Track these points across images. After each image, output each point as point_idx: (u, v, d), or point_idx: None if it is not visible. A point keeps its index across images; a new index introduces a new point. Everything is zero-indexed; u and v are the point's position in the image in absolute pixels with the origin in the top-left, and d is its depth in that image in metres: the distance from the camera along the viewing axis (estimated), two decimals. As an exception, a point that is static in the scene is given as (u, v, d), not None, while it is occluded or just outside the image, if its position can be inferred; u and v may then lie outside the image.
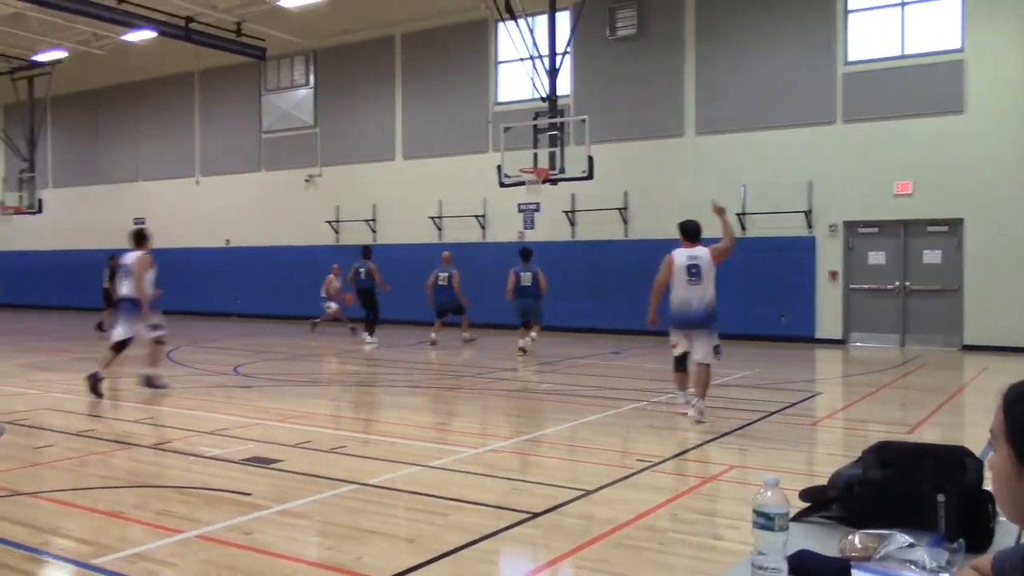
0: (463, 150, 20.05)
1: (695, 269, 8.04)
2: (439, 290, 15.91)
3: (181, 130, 25.48)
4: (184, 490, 5.56)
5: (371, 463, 6.36)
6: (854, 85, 15.91)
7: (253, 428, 7.85)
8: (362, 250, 17.07)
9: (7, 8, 21.83)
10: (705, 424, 7.78)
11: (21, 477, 5.95)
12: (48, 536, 4.56)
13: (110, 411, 9.10)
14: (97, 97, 27.48)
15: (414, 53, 20.94)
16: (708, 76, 17.26)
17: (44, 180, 27.66)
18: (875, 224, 15.88)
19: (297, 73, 22.98)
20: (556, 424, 8.29)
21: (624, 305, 17.88)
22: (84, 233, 27.32)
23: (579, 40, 17.51)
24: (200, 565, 4.12)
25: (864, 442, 2.76)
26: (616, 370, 12.41)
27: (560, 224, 18.76)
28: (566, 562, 4.22)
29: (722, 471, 6.11)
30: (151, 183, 26.35)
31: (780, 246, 16.28)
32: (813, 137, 16.25)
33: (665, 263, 8.21)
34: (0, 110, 27.81)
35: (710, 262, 8.11)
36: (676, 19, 17.52)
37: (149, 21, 19.74)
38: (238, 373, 12.11)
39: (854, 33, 16.02)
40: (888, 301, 15.85)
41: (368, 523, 4.79)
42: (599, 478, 5.79)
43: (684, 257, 8.14)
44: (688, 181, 17.35)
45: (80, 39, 24.63)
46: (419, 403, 9.79)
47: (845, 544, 1.97)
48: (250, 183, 23.95)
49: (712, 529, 4.73)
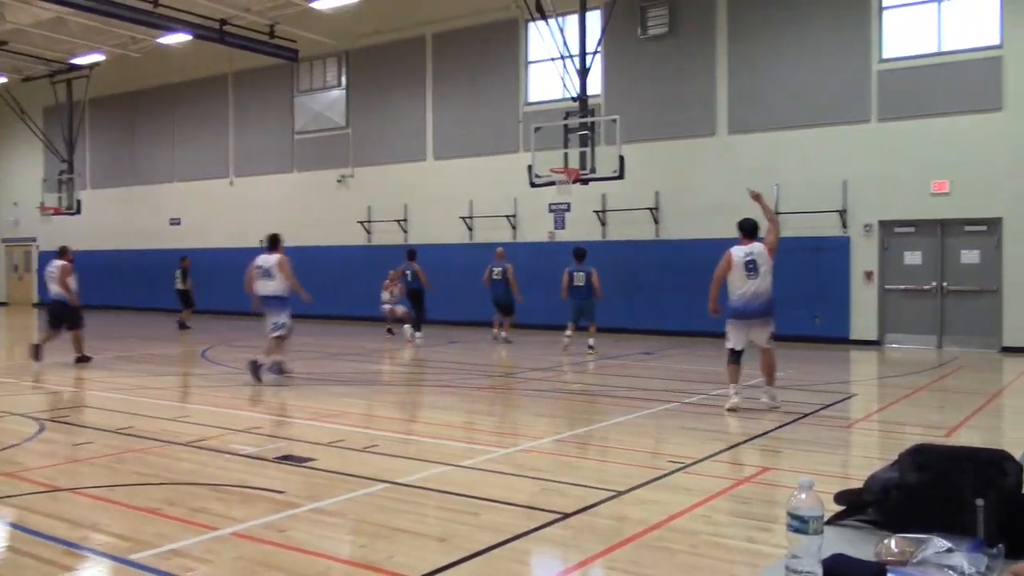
0: (494, 150, 20.08)
1: (752, 264, 8.53)
2: (494, 284, 16.04)
3: (215, 131, 25.79)
4: (219, 487, 5.63)
5: (403, 462, 6.39)
6: (889, 83, 15.69)
7: (286, 427, 7.93)
8: (408, 253, 17.17)
9: (47, 12, 22.25)
10: (742, 425, 7.72)
11: (61, 473, 6.06)
12: (87, 531, 4.64)
13: (147, 409, 9.24)
14: (134, 99, 27.90)
15: (445, 53, 21.01)
16: (740, 75, 17.12)
17: (82, 181, 28.13)
18: (911, 224, 15.65)
19: (329, 74, 23.15)
20: (587, 424, 8.27)
21: (655, 305, 17.82)
22: (121, 233, 27.76)
23: (610, 39, 17.46)
24: (234, 562, 4.17)
25: (900, 445, 2.72)
26: (647, 370, 12.36)
27: (591, 224, 18.71)
28: (597, 563, 4.21)
29: (755, 473, 6.06)
30: (186, 184, 26.70)
31: (814, 246, 16.10)
32: (847, 136, 16.06)
33: (724, 259, 8.67)
34: (40, 113, 28.30)
35: (766, 256, 8.60)
36: (708, 17, 17.40)
37: (184, 24, 20.01)
38: (271, 372, 12.20)
39: (889, 30, 15.80)
40: (925, 302, 15.61)
41: (400, 522, 4.82)
42: (630, 479, 5.77)
43: (742, 253, 8.61)
44: (720, 181, 17.23)
45: (117, 42, 25.04)
46: (450, 403, 9.82)
47: (881, 548, 1.94)
48: (283, 184, 24.18)
49: (745, 531, 4.69)
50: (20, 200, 31.14)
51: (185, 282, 21.10)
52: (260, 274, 10.92)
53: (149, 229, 27.33)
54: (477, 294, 19.68)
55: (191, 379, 11.91)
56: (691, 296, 17.35)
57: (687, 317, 17.43)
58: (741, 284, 8.53)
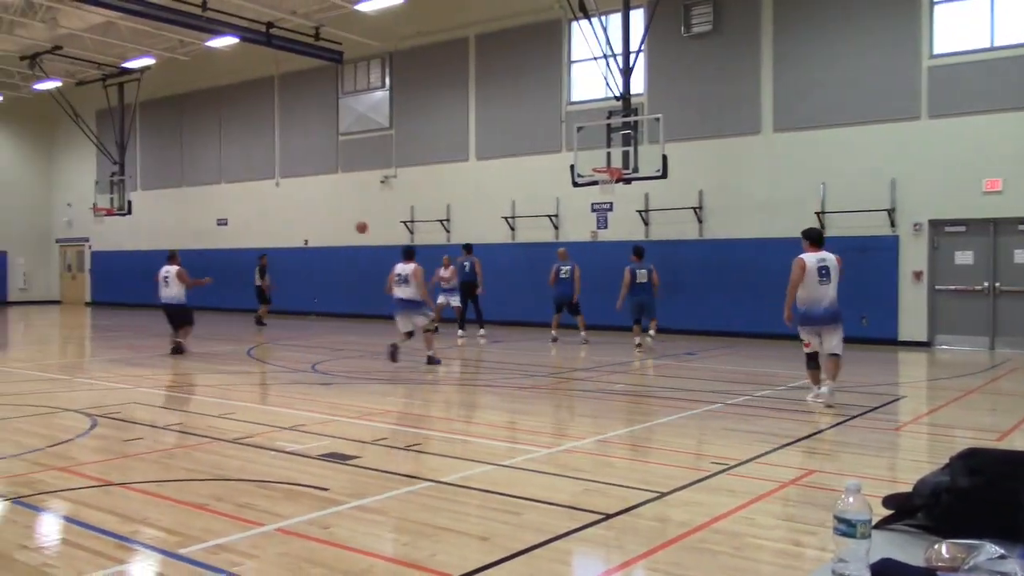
0: (536, 150, 20.08)
1: (824, 271, 8.77)
2: (562, 283, 16.03)
3: (261, 133, 26.17)
4: (265, 484, 5.71)
5: (445, 461, 6.42)
6: (940, 79, 15.37)
7: (330, 424, 8.02)
8: (464, 247, 17.35)
9: (99, 17, 22.79)
10: (787, 427, 7.63)
11: (113, 468, 6.20)
12: (137, 525, 4.74)
13: (195, 406, 9.41)
14: (182, 102, 28.44)
15: (488, 54, 21.07)
16: (786, 71, 16.90)
17: (133, 183, 28.75)
18: (962, 223, 15.31)
19: (373, 76, 23.35)
20: (630, 425, 8.24)
21: (698, 305, 17.68)
22: (170, 234, 28.30)
23: (653, 38, 17.35)
24: (279, 557, 4.22)
25: (951, 448, 2.67)
26: (690, 371, 12.26)
27: (633, 224, 18.62)
28: (639, 564, 4.19)
29: (800, 475, 5.98)
30: (233, 185, 27.13)
31: (861, 246, 15.83)
32: (896, 133, 15.76)
33: (797, 266, 8.80)
34: (93, 116, 28.97)
35: (836, 266, 8.87)
36: (753, 14, 17.20)
37: (232, 27, 20.33)
38: (316, 371, 12.37)
39: (940, 25, 15.47)
40: (976, 302, 15.27)
41: (442, 520, 4.84)
42: (673, 480, 5.74)
43: (814, 260, 8.81)
44: (765, 179, 17.05)
45: (167, 46, 25.57)
46: (493, 402, 9.84)
47: (931, 553, 1.91)
48: (328, 184, 24.45)
49: (790, 535, 4.64)
50: (73, 201, 31.94)
51: (263, 279, 21.42)
52: (398, 281, 12.55)
53: (197, 229, 27.83)
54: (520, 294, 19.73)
55: (238, 377, 12.09)
56: (735, 296, 17.24)
57: (731, 317, 17.30)
58: (814, 290, 8.74)
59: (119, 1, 18.34)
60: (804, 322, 8.84)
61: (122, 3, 18.43)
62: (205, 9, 19.31)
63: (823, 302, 8.71)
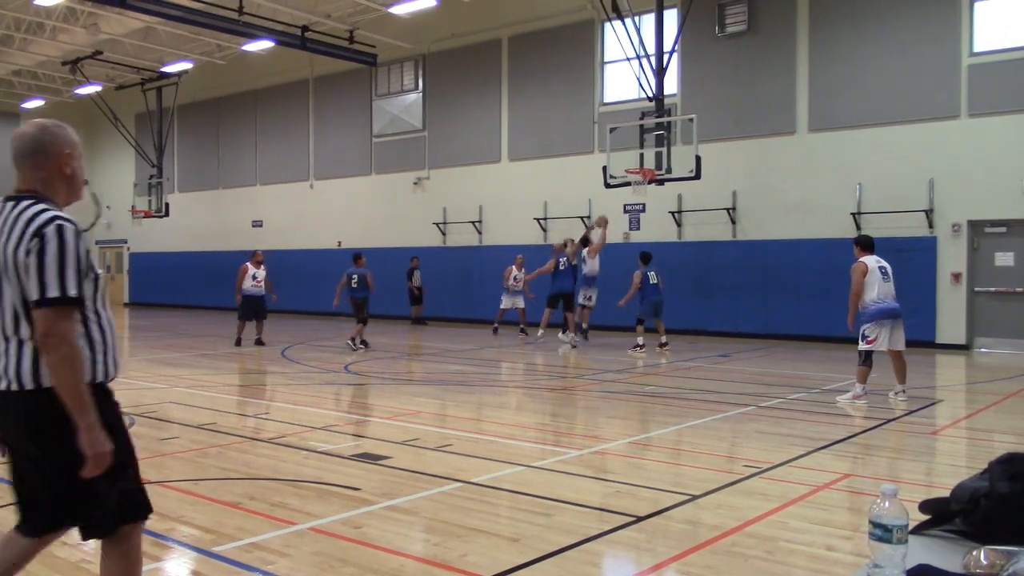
0: (569, 151, 20.05)
1: (884, 270, 9.40)
2: (560, 276, 16.04)
3: (296, 135, 26.42)
4: (297, 483, 5.76)
5: (476, 462, 6.43)
6: (981, 77, 15.10)
7: (362, 425, 8.07)
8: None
9: (138, 23, 23.18)
10: (820, 430, 7.54)
11: (149, 467, 6.28)
12: (173, 523, 4.80)
13: (229, 406, 9.52)
14: (218, 105, 28.81)
15: (520, 55, 21.08)
16: (822, 71, 16.71)
17: (170, 185, 29.18)
18: (1003, 223, 15.03)
19: (407, 78, 23.47)
20: (661, 427, 8.19)
21: (732, 307, 17.53)
22: (207, 235, 28.69)
23: (687, 38, 17.24)
24: (312, 556, 4.26)
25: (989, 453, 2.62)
26: (723, 373, 12.16)
27: (666, 225, 18.53)
28: (671, 567, 4.16)
29: (835, 479, 5.90)
30: (268, 187, 27.43)
31: (898, 247, 15.59)
32: (935, 132, 15.51)
33: (859, 271, 9.31)
34: (132, 119, 29.44)
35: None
36: (788, 13, 17.04)
37: (268, 32, 20.56)
38: (349, 371, 12.45)
39: (981, 22, 15.20)
40: (1017, 304, 14.97)
41: (473, 521, 4.85)
42: (705, 483, 5.69)
43: (873, 261, 9.37)
44: (800, 180, 16.88)
45: (204, 50, 25.94)
46: (523, 403, 9.84)
47: (970, 560, 1.87)
48: (361, 186, 24.61)
49: (824, 539, 4.58)
50: (112, 203, 32.46)
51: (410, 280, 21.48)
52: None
53: (233, 231, 28.16)
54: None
55: (271, 377, 12.22)
56: (769, 298, 17.08)
57: (764, 319, 17.14)
58: (882, 287, 9.25)
59: (159, 7, 18.62)
60: (881, 316, 9.17)
61: (162, 9, 18.72)
62: (241, 14, 19.54)
63: (891, 296, 9.28)
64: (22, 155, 2.85)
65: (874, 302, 9.19)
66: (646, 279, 14.99)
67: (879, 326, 9.17)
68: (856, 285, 9.23)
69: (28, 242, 2.66)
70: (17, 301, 2.72)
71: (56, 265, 2.64)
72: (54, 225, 2.68)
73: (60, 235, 2.67)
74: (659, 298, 15.15)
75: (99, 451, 2.67)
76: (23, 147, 2.85)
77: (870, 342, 9.19)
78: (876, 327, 9.18)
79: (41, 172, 2.84)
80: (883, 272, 9.30)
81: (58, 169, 2.87)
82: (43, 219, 2.69)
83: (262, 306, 16.27)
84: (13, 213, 2.75)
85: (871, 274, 9.23)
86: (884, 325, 9.17)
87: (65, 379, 2.64)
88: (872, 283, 9.21)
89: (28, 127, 2.89)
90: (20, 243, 2.68)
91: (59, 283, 2.63)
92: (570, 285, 16.03)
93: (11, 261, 2.70)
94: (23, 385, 2.71)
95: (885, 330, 9.18)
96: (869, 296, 9.20)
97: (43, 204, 2.78)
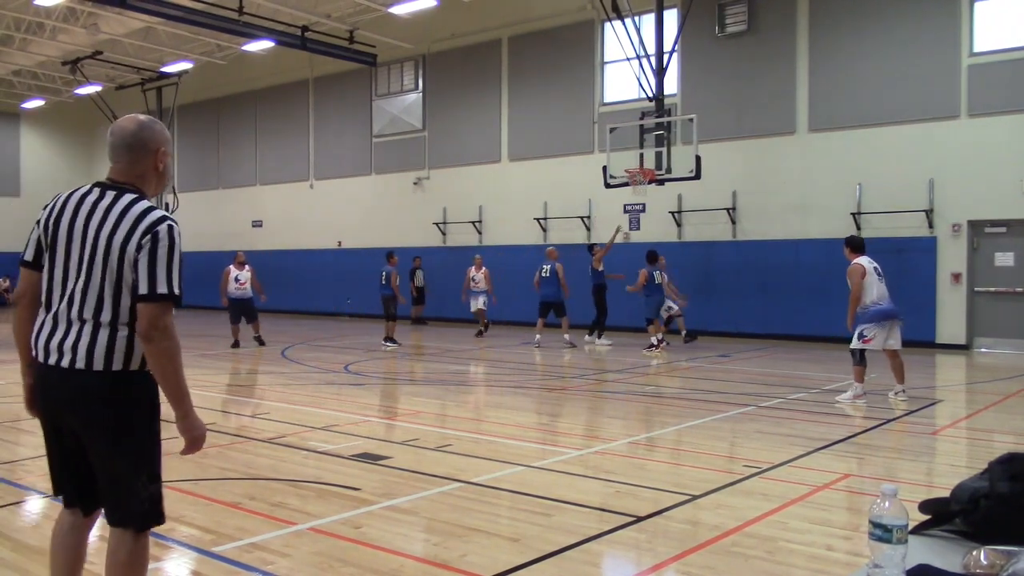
0: (568, 151, 20.05)
1: (879, 270, 9.42)
2: (544, 283, 16.09)
3: (296, 135, 26.42)
4: (297, 483, 5.76)
5: (476, 462, 6.43)
6: (981, 77, 15.09)
7: (362, 425, 8.07)
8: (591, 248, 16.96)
9: (138, 23, 23.17)
10: (820, 430, 7.55)
11: (148, 466, 6.28)
12: (173, 523, 4.79)
13: (229, 406, 9.52)
14: (218, 105, 28.80)
15: (520, 55, 21.07)
16: (822, 71, 16.70)
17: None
18: (1003, 223, 15.03)
19: (407, 78, 23.47)
20: (661, 427, 8.19)
21: (732, 307, 17.53)
22: (207, 235, 28.67)
23: (687, 38, 17.23)
24: (312, 556, 4.26)
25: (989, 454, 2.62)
26: (723, 373, 12.16)
27: (666, 225, 18.52)
28: (671, 567, 4.16)
29: (835, 480, 5.90)
30: (268, 187, 27.42)
31: (898, 247, 15.60)
32: (935, 132, 15.51)
33: (857, 273, 9.27)
34: (132, 120, 29.37)
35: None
36: (788, 13, 17.03)
37: (268, 32, 20.55)
38: (349, 371, 12.45)
39: (981, 22, 15.20)
40: (1017, 305, 14.97)
41: (472, 521, 4.85)
42: (705, 483, 5.69)
43: (868, 262, 9.37)
44: (800, 180, 16.87)
45: (204, 50, 25.94)
46: (523, 403, 9.83)
47: (970, 560, 1.87)
48: (361, 186, 24.61)
49: (824, 539, 4.58)
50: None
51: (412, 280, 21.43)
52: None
53: (233, 231, 28.16)
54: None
55: (271, 377, 12.22)
56: (769, 298, 17.08)
57: (764, 319, 17.14)
58: (879, 288, 9.28)
59: (159, 7, 18.62)
60: (881, 317, 9.18)
61: (162, 9, 18.71)
62: (241, 14, 19.54)
63: (887, 297, 9.31)
64: (123, 149, 2.95)
65: (874, 303, 9.20)
66: (651, 278, 15.11)
67: (878, 327, 9.19)
68: (856, 288, 9.21)
69: (140, 238, 2.78)
70: (109, 288, 2.81)
71: (166, 263, 2.79)
72: (166, 225, 2.82)
73: (171, 236, 2.82)
74: (661, 297, 15.31)
75: (196, 435, 2.94)
76: (123, 141, 2.96)
77: (866, 341, 9.20)
78: (875, 328, 9.19)
79: (139, 166, 2.96)
80: (878, 273, 9.33)
81: (154, 165, 2.99)
82: (155, 217, 2.82)
83: (249, 307, 16.03)
84: (119, 205, 2.84)
85: (869, 275, 9.24)
86: (883, 326, 9.19)
87: (167, 370, 2.80)
88: (870, 284, 9.22)
89: (128, 122, 3.00)
90: (131, 236, 2.79)
91: (167, 281, 2.79)
92: (554, 292, 15.98)
93: (116, 251, 2.79)
94: (92, 365, 2.78)
95: (883, 331, 9.20)
96: (869, 298, 9.20)
97: (147, 201, 2.91)
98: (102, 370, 2.80)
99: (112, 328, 2.82)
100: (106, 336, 2.81)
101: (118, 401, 2.82)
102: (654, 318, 15.19)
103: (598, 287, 16.32)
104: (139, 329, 2.78)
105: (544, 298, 16.12)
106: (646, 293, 15.15)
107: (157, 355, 2.78)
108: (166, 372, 2.80)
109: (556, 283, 15.95)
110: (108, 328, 2.81)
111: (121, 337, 2.82)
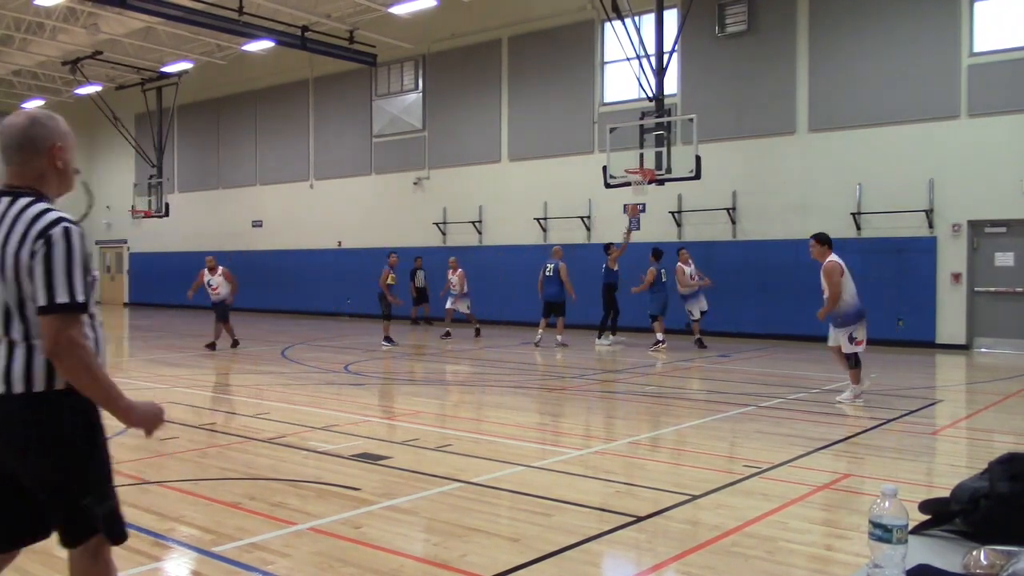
0: (568, 151, 20.04)
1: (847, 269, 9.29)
2: (548, 282, 16.10)
3: (296, 135, 26.41)
4: (297, 483, 5.76)
5: (476, 462, 6.43)
6: (981, 77, 15.09)
7: (362, 425, 8.07)
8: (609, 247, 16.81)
9: (138, 23, 23.17)
10: (820, 430, 7.55)
11: (149, 467, 6.29)
12: (173, 523, 4.80)
13: (229, 406, 9.51)
14: (218, 105, 28.80)
15: (521, 55, 21.07)
16: (822, 71, 16.70)
17: (170, 185, 29.17)
18: (1003, 223, 15.02)
19: (407, 78, 23.46)
20: (661, 427, 8.19)
21: (732, 307, 17.51)
22: (207, 235, 28.66)
23: (687, 38, 17.23)
24: (312, 556, 4.25)
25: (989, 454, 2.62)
26: (723, 373, 12.16)
27: (666, 225, 18.52)
28: (671, 567, 4.16)
29: (835, 480, 5.90)
30: (268, 187, 27.41)
31: (898, 247, 15.60)
32: (935, 132, 15.50)
33: (837, 271, 9.06)
34: (132, 120, 29.43)
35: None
36: (788, 13, 17.03)
37: (268, 32, 20.56)
38: (349, 371, 12.45)
39: (981, 22, 15.20)
40: (1017, 305, 14.97)
41: (472, 521, 4.85)
42: (705, 483, 5.69)
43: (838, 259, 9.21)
44: (800, 180, 16.87)
45: (204, 50, 25.94)
46: (523, 403, 9.83)
47: (970, 560, 1.87)
48: (361, 186, 24.60)
49: (824, 539, 4.58)
50: (113, 204, 32.47)
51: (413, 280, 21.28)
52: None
53: (233, 231, 28.15)
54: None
55: (271, 377, 12.22)
56: (769, 298, 17.08)
57: (764, 319, 17.14)
58: (853, 286, 9.15)
59: (159, 7, 18.62)
60: (861, 316, 9.10)
61: (162, 9, 18.71)
62: (241, 14, 19.54)
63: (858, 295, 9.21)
64: (12, 149, 2.70)
65: (853, 297, 9.09)
66: (659, 276, 15.28)
67: (862, 326, 9.10)
68: (836, 287, 9.00)
69: (32, 244, 2.54)
70: (11, 301, 2.58)
71: (64, 270, 2.53)
72: (61, 227, 2.56)
73: (67, 238, 2.56)
74: (667, 295, 15.49)
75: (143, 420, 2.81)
76: (13, 140, 2.69)
77: (859, 343, 9.06)
78: (860, 327, 9.08)
79: (33, 166, 2.70)
80: (848, 269, 9.25)
81: (51, 163, 2.72)
82: (48, 220, 2.57)
83: (221, 310, 15.46)
84: (12, 211, 2.61)
85: (846, 273, 9.13)
86: (863, 324, 9.12)
87: (84, 381, 2.58)
88: (847, 282, 9.09)
89: (17, 118, 2.73)
90: (23, 244, 2.55)
91: (68, 289, 2.53)
92: (557, 292, 15.96)
93: (10, 261, 2.56)
94: (12, 388, 2.58)
95: (864, 328, 9.13)
96: (849, 296, 9.06)
97: (43, 203, 2.65)
98: (23, 392, 2.58)
99: (27, 346, 2.58)
100: (22, 355, 2.58)
101: (43, 422, 2.59)
102: (659, 314, 15.32)
103: (608, 286, 16.29)
104: (45, 347, 2.54)
105: (548, 298, 16.11)
106: (652, 290, 15.31)
107: (69, 371, 2.55)
108: (83, 384, 2.57)
109: (559, 282, 15.94)
110: (23, 346, 2.58)
111: (39, 355, 2.59)
